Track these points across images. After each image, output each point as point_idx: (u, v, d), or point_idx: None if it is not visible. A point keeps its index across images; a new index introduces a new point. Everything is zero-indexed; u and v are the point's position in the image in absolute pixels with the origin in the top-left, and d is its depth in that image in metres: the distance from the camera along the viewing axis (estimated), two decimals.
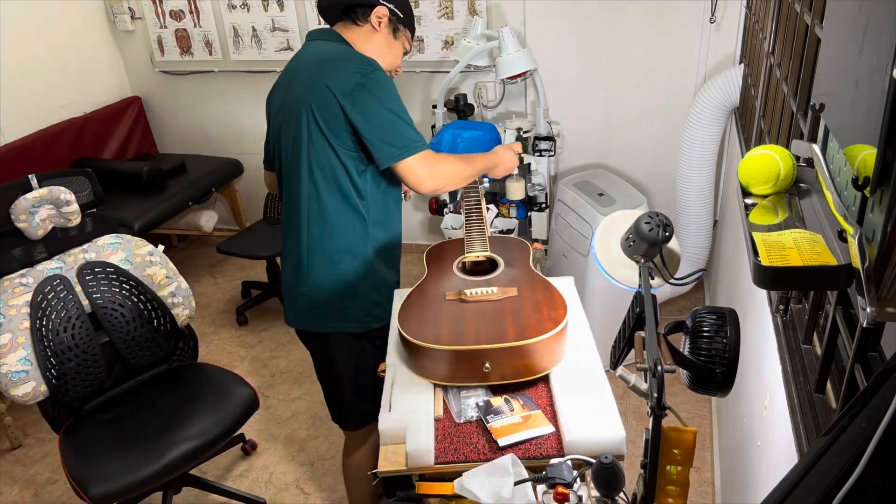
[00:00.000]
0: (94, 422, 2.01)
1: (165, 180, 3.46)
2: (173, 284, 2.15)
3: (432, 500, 1.17)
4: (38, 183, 2.00)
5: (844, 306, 1.03)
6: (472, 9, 3.15)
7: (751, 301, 1.78)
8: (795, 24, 1.52)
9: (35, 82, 3.36)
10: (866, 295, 0.69)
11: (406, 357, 1.43)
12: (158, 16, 3.66)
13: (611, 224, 1.16)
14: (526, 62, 2.84)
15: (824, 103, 0.93)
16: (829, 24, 1.04)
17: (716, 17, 2.84)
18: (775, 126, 1.70)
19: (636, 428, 2.46)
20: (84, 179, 2.13)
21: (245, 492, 2.33)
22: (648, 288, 1.01)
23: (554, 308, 1.39)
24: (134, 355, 2.09)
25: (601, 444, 1.20)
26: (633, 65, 3.06)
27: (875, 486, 0.58)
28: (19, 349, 1.87)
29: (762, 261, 0.81)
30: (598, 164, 3.29)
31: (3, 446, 2.70)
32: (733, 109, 2.74)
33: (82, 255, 2.06)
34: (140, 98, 3.93)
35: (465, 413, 1.31)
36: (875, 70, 0.68)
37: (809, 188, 1.00)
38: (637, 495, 0.97)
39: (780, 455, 1.23)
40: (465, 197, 1.86)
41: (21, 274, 1.95)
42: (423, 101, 3.44)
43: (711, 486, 2.25)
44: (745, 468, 1.66)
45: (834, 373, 1.08)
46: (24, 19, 3.28)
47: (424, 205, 3.69)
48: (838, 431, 0.64)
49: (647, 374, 0.88)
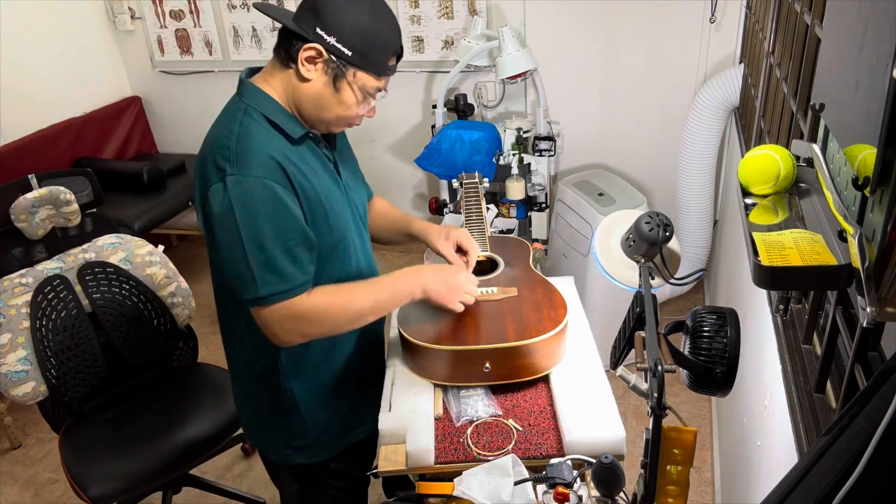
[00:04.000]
0: (93, 422, 2.01)
1: (165, 180, 3.46)
2: (173, 284, 2.15)
3: (432, 500, 1.17)
4: (38, 183, 2.00)
5: (844, 306, 1.03)
6: (472, 9, 3.15)
7: (751, 301, 1.78)
8: (795, 24, 1.52)
9: (35, 82, 3.36)
10: (866, 295, 0.69)
11: (406, 357, 1.43)
12: (158, 16, 3.66)
13: (611, 224, 1.16)
14: (526, 62, 2.84)
15: (824, 103, 0.93)
16: (829, 24, 1.04)
17: (716, 17, 2.84)
18: (775, 126, 1.70)
19: (636, 428, 2.46)
20: (84, 179, 2.13)
21: (245, 492, 2.33)
22: (648, 288, 1.01)
23: (554, 308, 1.39)
24: (134, 355, 2.09)
25: (601, 444, 1.20)
26: (633, 65, 3.06)
27: (875, 486, 0.58)
28: (19, 349, 1.87)
29: (762, 261, 0.81)
30: (598, 164, 3.29)
31: (3, 446, 2.70)
32: (733, 109, 2.74)
33: (82, 255, 2.06)
34: (140, 98, 3.93)
35: (465, 413, 1.31)
36: (875, 70, 0.68)
37: (809, 188, 1.00)
38: (637, 495, 0.97)
39: (780, 455, 1.23)
40: (465, 197, 1.86)
41: (21, 274, 1.95)
42: (423, 101, 3.44)
43: (711, 486, 2.25)
44: (745, 468, 1.66)
45: (834, 373, 1.08)
46: (24, 19, 3.28)
47: (424, 204, 3.69)
48: (838, 431, 0.64)
49: (647, 374, 0.88)
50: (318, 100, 1.18)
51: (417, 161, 3.04)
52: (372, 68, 1.16)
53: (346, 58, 1.14)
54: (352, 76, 1.16)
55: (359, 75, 1.16)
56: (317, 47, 1.13)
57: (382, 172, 3.66)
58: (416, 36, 3.28)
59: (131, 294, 2.08)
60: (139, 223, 3.07)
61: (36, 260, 2.02)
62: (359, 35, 1.12)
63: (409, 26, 3.26)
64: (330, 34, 1.11)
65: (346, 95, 1.17)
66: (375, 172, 3.67)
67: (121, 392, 2.11)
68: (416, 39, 3.28)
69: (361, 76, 1.16)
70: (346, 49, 1.13)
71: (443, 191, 3.22)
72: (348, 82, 1.16)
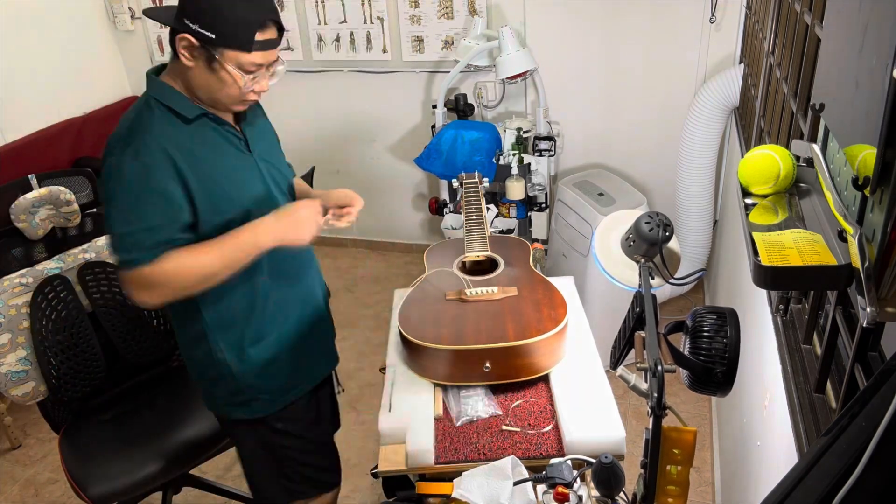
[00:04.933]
0: (93, 422, 2.01)
1: None
2: None
3: (432, 500, 1.17)
4: (38, 183, 2.01)
5: (844, 306, 1.03)
6: (472, 9, 3.15)
7: (751, 301, 1.78)
8: (795, 24, 1.52)
9: (35, 82, 3.36)
10: (866, 295, 0.69)
11: (406, 357, 1.43)
12: None
13: (611, 224, 1.16)
14: (526, 62, 2.84)
15: (824, 103, 0.93)
16: (829, 24, 1.04)
17: (716, 17, 2.84)
18: (775, 126, 1.70)
19: (636, 428, 2.46)
20: (84, 179, 2.14)
21: (245, 492, 2.33)
22: (648, 288, 1.01)
23: (554, 308, 1.39)
24: (134, 355, 2.09)
25: (601, 444, 1.20)
26: (633, 65, 3.06)
27: (875, 486, 0.58)
28: (19, 349, 1.87)
29: (762, 261, 0.81)
30: (598, 164, 3.29)
31: (3, 446, 2.70)
32: (733, 109, 2.74)
33: (82, 255, 2.06)
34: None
35: (465, 413, 1.31)
36: (875, 70, 0.68)
37: (809, 188, 1.00)
38: (637, 495, 0.97)
39: (780, 455, 1.23)
40: (465, 197, 1.86)
41: (21, 274, 1.95)
42: (423, 101, 3.44)
43: (711, 486, 2.25)
44: (745, 468, 1.66)
45: (834, 373, 1.08)
46: (24, 19, 3.28)
47: (424, 204, 3.69)
48: (838, 431, 0.64)
49: (647, 373, 0.88)
50: (204, 84, 1.27)
51: (417, 161, 3.04)
52: (237, 45, 1.22)
53: (210, 40, 1.21)
54: (221, 56, 1.23)
55: (228, 54, 1.23)
56: (186, 36, 1.21)
57: (382, 172, 3.66)
58: (416, 36, 3.28)
59: None
60: None
61: (36, 260, 2.02)
62: (218, 17, 1.20)
63: (409, 26, 3.26)
64: (193, 22, 1.20)
65: (223, 75, 1.25)
66: (375, 172, 3.67)
67: (121, 392, 2.10)
68: (416, 39, 3.28)
69: (231, 54, 1.23)
70: (209, 33, 1.20)
71: (443, 191, 3.22)
72: (220, 62, 1.23)
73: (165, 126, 1.27)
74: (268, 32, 1.24)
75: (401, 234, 3.88)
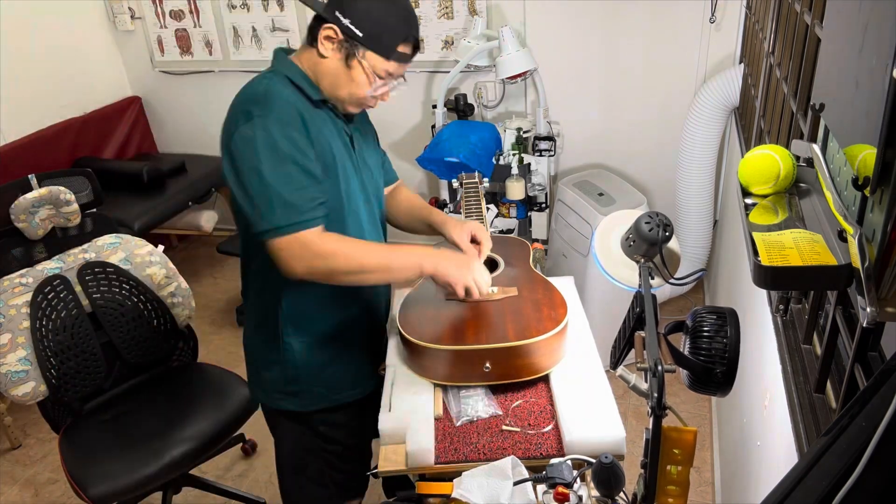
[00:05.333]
0: (93, 422, 2.01)
1: (165, 180, 3.46)
2: (173, 284, 2.15)
3: (432, 500, 1.17)
4: (38, 183, 2.00)
5: (844, 306, 1.03)
6: (472, 9, 3.15)
7: (751, 301, 1.78)
8: (795, 24, 1.52)
9: (35, 82, 3.36)
10: (866, 295, 0.69)
11: (406, 357, 1.43)
12: (158, 16, 3.66)
13: (611, 224, 1.16)
14: (526, 62, 2.84)
15: (824, 103, 0.93)
16: (829, 24, 1.04)
17: (716, 17, 2.84)
18: (775, 126, 1.70)
19: (636, 428, 2.46)
20: (84, 179, 2.13)
21: (245, 492, 2.33)
22: (648, 288, 1.01)
23: (554, 308, 1.39)
24: (134, 355, 2.09)
25: (601, 444, 1.20)
26: (633, 65, 3.06)
27: (875, 486, 0.58)
28: (19, 349, 1.87)
29: (762, 261, 0.81)
30: (598, 164, 3.29)
31: (3, 446, 2.70)
32: (733, 109, 2.74)
33: (82, 255, 2.06)
34: (140, 98, 3.92)
35: (465, 413, 1.31)
36: (875, 70, 0.68)
37: (809, 188, 1.00)
38: (637, 495, 0.97)
39: (780, 455, 1.23)
40: (465, 197, 1.86)
41: (21, 274, 1.95)
42: (424, 101, 3.44)
43: (711, 486, 2.25)
44: (745, 468, 1.66)
45: (834, 373, 1.08)
46: (24, 19, 3.28)
47: None
48: (838, 431, 0.64)
49: (647, 373, 0.88)
50: (333, 76, 1.31)
51: (418, 160, 3.04)
52: (380, 50, 1.29)
53: (357, 38, 1.27)
54: (361, 55, 1.28)
55: (368, 55, 1.29)
56: (333, 27, 1.27)
57: None
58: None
59: (131, 294, 2.08)
60: (139, 223, 3.07)
61: (36, 260, 2.02)
62: (370, 19, 1.26)
63: None
64: (346, 17, 1.26)
65: (357, 73, 1.30)
66: None
67: (121, 392, 2.11)
68: None
69: (371, 56, 1.29)
70: (357, 30, 1.26)
71: (443, 191, 3.22)
72: (358, 61, 1.29)
73: (296, 96, 1.31)
74: (408, 48, 1.32)
75: (401, 235, 3.88)
